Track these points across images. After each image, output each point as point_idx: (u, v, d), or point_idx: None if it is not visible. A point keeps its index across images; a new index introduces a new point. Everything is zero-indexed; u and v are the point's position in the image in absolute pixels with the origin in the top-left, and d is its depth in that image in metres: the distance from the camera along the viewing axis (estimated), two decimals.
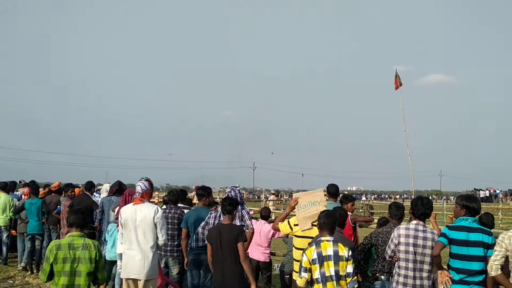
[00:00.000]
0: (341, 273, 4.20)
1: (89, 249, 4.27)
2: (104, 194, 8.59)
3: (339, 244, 4.33)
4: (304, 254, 4.34)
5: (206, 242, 5.66)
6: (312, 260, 4.26)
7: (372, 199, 52.13)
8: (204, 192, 6.32)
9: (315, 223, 4.83)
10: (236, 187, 5.93)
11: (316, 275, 4.23)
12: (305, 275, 4.28)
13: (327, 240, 4.33)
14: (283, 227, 5.21)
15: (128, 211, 5.08)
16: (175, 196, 6.74)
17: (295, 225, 5.14)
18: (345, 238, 5.22)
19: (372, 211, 26.00)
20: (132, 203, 5.18)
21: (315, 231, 4.87)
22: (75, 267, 4.18)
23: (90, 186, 8.64)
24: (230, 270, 4.89)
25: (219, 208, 5.80)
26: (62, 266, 4.16)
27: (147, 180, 5.33)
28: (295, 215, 5.22)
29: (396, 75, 23.83)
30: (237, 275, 4.89)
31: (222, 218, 5.53)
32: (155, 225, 5.01)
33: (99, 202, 7.73)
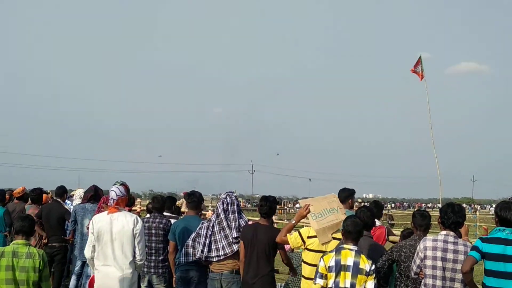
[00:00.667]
0: (358, 287, 4.22)
1: (33, 258, 4.63)
2: (77, 201, 8.58)
3: (362, 256, 4.40)
4: (321, 259, 4.48)
5: (197, 256, 5.69)
6: (329, 267, 4.39)
7: (390, 207, 52.20)
8: (195, 198, 6.32)
9: (336, 235, 4.87)
10: (232, 192, 5.95)
11: (330, 284, 4.35)
12: (320, 282, 4.40)
13: (349, 249, 4.43)
14: (293, 239, 5.17)
15: (102, 221, 5.06)
16: (160, 203, 6.72)
17: (308, 237, 5.11)
18: (376, 246, 5.26)
19: (392, 222, 26.03)
20: (106, 212, 5.17)
21: (333, 244, 4.90)
22: (18, 275, 4.53)
23: (62, 192, 8.61)
24: (262, 272, 5.31)
25: (213, 218, 5.81)
26: (4, 274, 4.50)
27: (123, 184, 5.33)
28: (305, 226, 5.20)
29: (419, 64, 23.71)
30: (268, 277, 5.35)
31: (215, 229, 5.62)
32: (134, 237, 5.02)
33: (72, 210, 7.73)
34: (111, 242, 4.99)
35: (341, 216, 4.98)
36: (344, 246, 4.49)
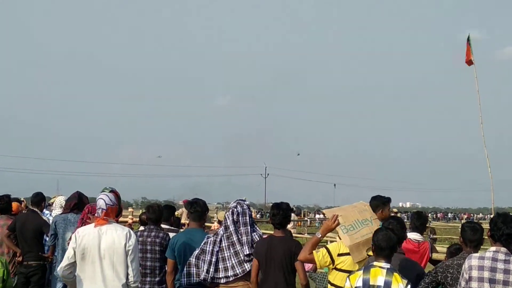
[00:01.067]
0: None
1: None
2: (57, 210, 8.62)
3: (395, 274, 4.44)
4: (348, 279, 4.57)
5: (201, 277, 5.71)
6: (356, 287, 4.44)
7: (432, 219, 51.89)
8: (198, 208, 6.32)
9: (371, 253, 4.88)
10: (244, 201, 5.97)
11: None
12: None
13: (380, 267, 4.49)
14: (321, 257, 5.15)
15: (88, 235, 5.08)
16: (157, 213, 6.74)
17: (339, 254, 5.12)
18: (411, 263, 5.25)
19: (434, 236, 25.81)
20: (92, 224, 5.19)
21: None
22: None
23: (39, 200, 8.62)
24: None
25: (221, 231, 5.81)
26: None
27: (113, 191, 5.36)
28: (329, 241, 5.19)
29: (468, 43, 23.37)
30: None
31: (224, 245, 5.62)
32: (127, 255, 5.05)
33: (51, 222, 7.76)
34: (100, 260, 5.01)
35: (376, 228, 4.95)
36: (375, 263, 4.55)
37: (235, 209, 5.84)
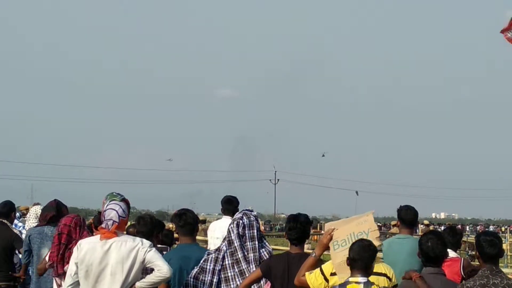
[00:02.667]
0: None
1: None
2: (31, 222, 8.64)
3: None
4: None
5: None
6: None
7: (470, 232, 51.59)
8: (189, 220, 6.31)
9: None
10: (251, 211, 5.96)
11: None
12: None
13: (356, 282, 4.58)
14: (314, 279, 5.20)
15: (93, 250, 5.08)
16: (148, 226, 6.73)
17: (332, 274, 5.15)
18: (454, 286, 5.29)
19: (473, 252, 25.74)
20: (96, 236, 5.19)
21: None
22: None
23: (8, 210, 8.60)
24: None
25: (223, 246, 5.81)
26: None
27: (124, 199, 5.32)
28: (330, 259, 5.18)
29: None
30: None
31: (227, 262, 5.58)
32: (143, 265, 5.10)
33: (25, 235, 7.77)
34: (108, 278, 5.04)
35: (372, 242, 4.96)
36: (350, 279, 4.64)
37: (241, 221, 5.83)
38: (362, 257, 4.68)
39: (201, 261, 5.83)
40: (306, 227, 5.68)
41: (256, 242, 5.79)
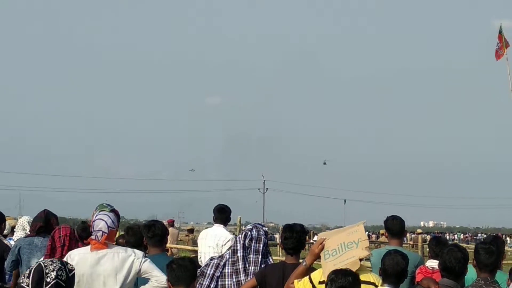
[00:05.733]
0: None
1: None
2: (20, 233, 8.62)
3: None
4: None
5: None
6: None
7: (459, 241, 51.61)
8: (158, 231, 6.37)
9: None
10: (263, 226, 6.00)
11: None
12: None
13: None
14: (302, 287, 5.22)
15: (84, 261, 5.07)
16: (137, 236, 6.75)
17: (321, 282, 5.15)
18: None
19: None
20: (87, 247, 5.18)
21: None
22: None
23: None
24: None
25: (227, 254, 5.87)
26: None
27: (113, 210, 5.33)
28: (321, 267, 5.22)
29: (501, 35, 23.34)
30: None
31: (226, 271, 5.62)
32: (138, 276, 5.09)
33: (14, 246, 7.76)
34: (104, 287, 5.04)
35: (360, 253, 5.01)
36: None
37: (249, 233, 5.87)
38: (394, 270, 4.94)
39: (203, 266, 5.88)
40: (302, 236, 5.70)
41: (260, 257, 5.81)
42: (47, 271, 3.81)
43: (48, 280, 3.77)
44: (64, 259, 5.17)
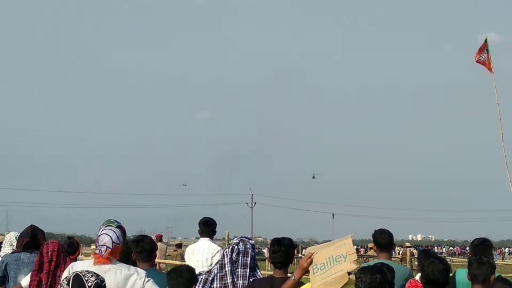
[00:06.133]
0: None
1: None
2: (7, 248, 8.58)
3: None
4: None
5: None
6: None
7: (447, 254, 51.79)
8: (147, 246, 6.37)
9: None
10: (249, 239, 5.98)
11: None
12: None
13: None
14: None
15: None
16: (125, 252, 6.71)
17: None
18: None
19: (450, 274, 25.91)
20: (89, 261, 5.15)
21: None
22: None
23: None
24: None
25: (215, 269, 5.85)
26: None
27: (120, 226, 5.27)
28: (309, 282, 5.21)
29: (485, 49, 23.48)
30: None
31: (215, 286, 5.62)
32: None
33: (0, 262, 7.71)
34: None
35: (349, 266, 5.00)
36: None
37: (236, 246, 5.85)
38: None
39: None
40: (290, 250, 5.67)
41: (248, 270, 5.79)
42: (86, 278, 3.91)
43: (89, 284, 3.89)
44: (66, 270, 5.15)
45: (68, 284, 3.87)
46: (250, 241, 5.97)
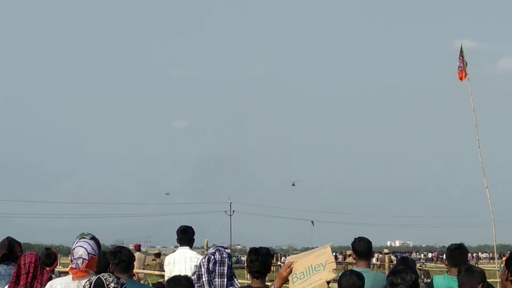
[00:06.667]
0: None
1: None
2: None
3: None
4: None
5: None
6: None
7: (425, 260, 51.99)
8: (124, 257, 6.32)
9: None
10: (225, 248, 5.96)
11: None
12: None
13: None
14: None
15: None
16: (102, 263, 6.68)
17: None
18: None
19: (428, 280, 26.00)
20: (67, 277, 5.12)
21: None
22: None
23: None
24: None
25: (205, 279, 5.82)
26: None
27: (93, 238, 5.27)
28: None
29: (461, 56, 23.67)
30: None
31: None
32: None
33: None
34: None
35: (328, 275, 5.05)
36: None
37: (212, 256, 5.84)
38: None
39: None
40: (267, 259, 5.68)
41: (225, 280, 5.80)
42: (107, 283, 4.06)
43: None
44: (46, 285, 5.14)
45: None
46: (226, 250, 5.97)
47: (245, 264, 6.20)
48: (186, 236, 8.26)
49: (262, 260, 5.56)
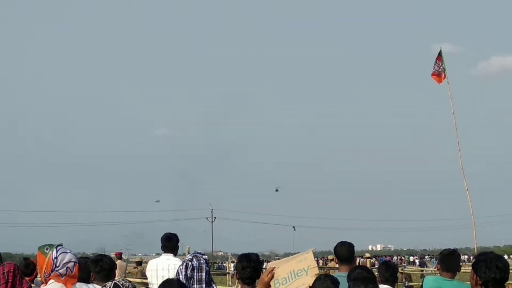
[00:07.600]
0: None
1: None
2: None
3: None
4: None
5: None
6: None
7: (407, 263, 52.16)
8: (106, 265, 6.30)
9: None
10: (202, 254, 5.94)
11: None
12: None
13: None
14: None
15: None
16: (85, 271, 6.63)
17: None
18: None
19: (411, 283, 26.12)
20: (59, 285, 5.07)
21: None
22: None
23: None
24: None
25: None
26: None
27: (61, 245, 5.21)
28: None
29: (440, 61, 23.77)
30: None
31: None
32: None
33: None
34: None
35: (310, 280, 5.05)
36: None
37: (190, 263, 5.82)
38: None
39: None
40: (258, 265, 5.69)
41: (204, 286, 5.78)
42: None
43: None
44: None
45: None
46: (204, 256, 5.97)
47: (230, 271, 6.20)
48: (170, 244, 8.23)
49: (253, 266, 5.58)
